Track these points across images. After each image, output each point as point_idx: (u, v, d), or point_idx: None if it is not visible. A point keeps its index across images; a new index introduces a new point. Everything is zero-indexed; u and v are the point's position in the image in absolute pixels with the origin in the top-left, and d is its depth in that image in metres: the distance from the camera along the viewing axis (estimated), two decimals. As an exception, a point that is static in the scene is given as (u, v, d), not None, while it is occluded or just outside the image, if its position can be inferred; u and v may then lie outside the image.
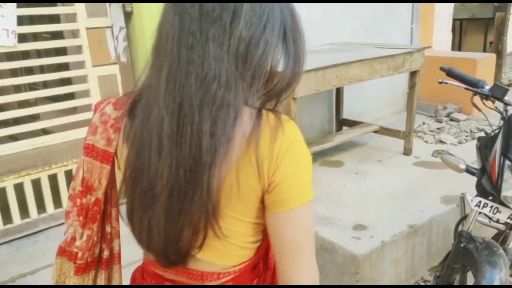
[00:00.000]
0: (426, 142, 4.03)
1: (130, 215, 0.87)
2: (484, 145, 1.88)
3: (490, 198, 1.81)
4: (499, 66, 5.73)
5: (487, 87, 1.93)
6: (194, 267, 0.89)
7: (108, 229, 0.97)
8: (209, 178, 0.77)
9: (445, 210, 2.75)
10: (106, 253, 0.98)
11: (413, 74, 3.51)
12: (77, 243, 0.94)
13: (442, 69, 2.05)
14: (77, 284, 0.96)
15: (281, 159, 0.79)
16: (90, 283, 0.98)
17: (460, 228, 1.98)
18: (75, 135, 2.73)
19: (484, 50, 7.14)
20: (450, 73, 2.03)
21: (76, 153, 2.75)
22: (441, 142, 3.99)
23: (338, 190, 3.04)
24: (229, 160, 0.78)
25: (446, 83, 2.01)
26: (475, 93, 1.94)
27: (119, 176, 0.92)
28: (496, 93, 1.89)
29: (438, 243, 2.73)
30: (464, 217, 2.01)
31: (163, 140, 0.78)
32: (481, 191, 1.88)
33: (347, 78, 2.92)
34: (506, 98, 1.90)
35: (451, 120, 4.52)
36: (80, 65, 2.74)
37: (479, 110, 1.90)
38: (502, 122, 1.87)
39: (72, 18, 2.66)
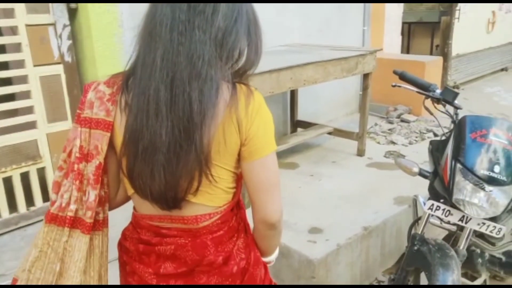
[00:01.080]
0: (379, 143, 4.10)
1: (131, 170, 1.03)
2: (436, 148, 1.90)
3: (442, 200, 1.83)
4: (445, 69, 5.95)
5: (438, 91, 1.97)
6: (188, 213, 1.08)
7: (102, 193, 1.09)
8: (200, 135, 0.97)
9: (398, 211, 2.79)
10: (101, 215, 1.11)
11: (365, 76, 3.55)
12: (72, 207, 1.06)
13: (395, 72, 2.07)
14: (85, 243, 1.06)
15: (253, 118, 1.03)
16: (97, 243, 1.10)
17: (413, 231, 2.00)
18: (16, 139, 2.54)
19: (431, 53, 7.41)
20: (402, 77, 2.05)
21: (17, 158, 2.56)
22: (393, 143, 4.08)
23: (293, 193, 3.02)
24: (215, 121, 0.99)
25: (399, 86, 2.02)
26: (427, 97, 1.97)
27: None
28: (447, 97, 1.92)
29: (391, 244, 2.77)
30: (417, 220, 2.03)
31: (160, 106, 0.97)
32: (433, 194, 1.91)
33: (301, 80, 2.90)
34: (456, 101, 1.93)
35: (402, 121, 4.64)
36: (20, 64, 2.55)
37: (431, 113, 1.93)
38: (452, 125, 1.91)
39: (9, 13, 2.47)
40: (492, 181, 1.66)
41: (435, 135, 4.24)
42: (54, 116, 2.72)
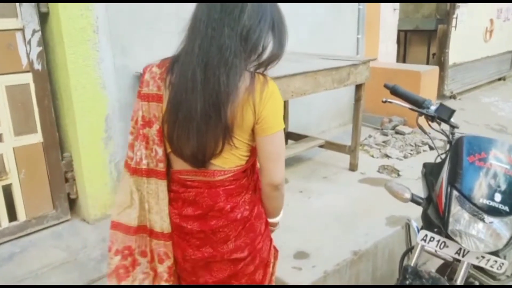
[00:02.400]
0: (372, 156, 3.93)
1: (171, 134, 1.29)
2: (430, 172, 1.72)
3: (436, 230, 1.65)
4: (441, 78, 5.80)
5: (433, 108, 1.79)
6: (209, 168, 1.32)
7: (163, 149, 1.35)
8: (225, 110, 1.21)
9: (390, 233, 2.61)
10: (161, 166, 1.36)
11: (358, 87, 3.38)
12: (144, 161, 1.35)
13: (386, 86, 1.89)
14: (165, 185, 1.36)
15: (266, 102, 1.24)
16: (165, 187, 1.37)
17: (405, 261, 1.82)
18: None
19: (428, 62, 7.27)
20: (394, 92, 1.87)
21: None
22: (387, 156, 3.90)
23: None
24: (237, 101, 1.22)
25: (390, 102, 1.84)
26: (420, 114, 1.79)
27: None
28: (442, 115, 1.74)
29: (383, 268, 2.59)
30: (409, 249, 1.85)
31: (196, 84, 1.21)
32: (427, 222, 1.73)
33: (289, 91, 2.72)
34: (452, 120, 1.76)
35: (397, 133, 4.46)
36: (-17, 73, 2.37)
37: (425, 132, 1.75)
38: (448, 146, 1.73)
39: (-28, 18, 2.30)
40: (492, 211, 1.48)
41: (431, 148, 4.07)
42: (22, 129, 2.54)
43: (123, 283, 1.38)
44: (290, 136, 3.93)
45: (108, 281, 1.39)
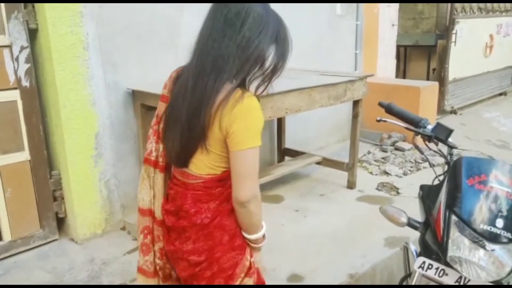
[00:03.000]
0: (371, 173, 3.84)
1: (165, 133, 1.41)
2: (427, 195, 1.64)
3: (435, 256, 1.56)
4: (442, 93, 5.74)
5: (430, 127, 1.71)
6: (186, 171, 1.40)
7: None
8: (204, 112, 1.26)
9: (389, 254, 2.51)
10: (161, 160, 1.48)
11: (355, 103, 3.32)
12: (153, 154, 1.47)
13: (380, 105, 1.82)
14: (162, 178, 1.48)
15: (235, 118, 1.24)
16: (167, 178, 1.50)
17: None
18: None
19: (428, 77, 7.22)
20: (389, 110, 1.80)
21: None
22: (386, 173, 3.82)
23: (275, 232, 2.74)
24: (214, 106, 1.25)
25: (384, 121, 1.77)
26: (416, 133, 1.71)
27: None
28: (439, 134, 1.66)
29: (381, 292, 2.48)
30: (407, 275, 1.75)
31: (187, 90, 1.29)
32: (425, 248, 1.64)
33: (283, 108, 2.65)
34: (450, 140, 1.68)
35: (396, 149, 4.38)
36: (-31, 89, 2.31)
37: (421, 152, 1.67)
38: (446, 167, 1.65)
39: (-42, 34, 2.25)
40: (494, 238, 1.39)
41: (431, 165, 3.96)
42: (9, 147, 2.47)
43: (146, 258, 1.53)
44: (287, 152, 3.85)
45: (139, 256, 1.56)
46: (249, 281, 1.43)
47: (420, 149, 1.68)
